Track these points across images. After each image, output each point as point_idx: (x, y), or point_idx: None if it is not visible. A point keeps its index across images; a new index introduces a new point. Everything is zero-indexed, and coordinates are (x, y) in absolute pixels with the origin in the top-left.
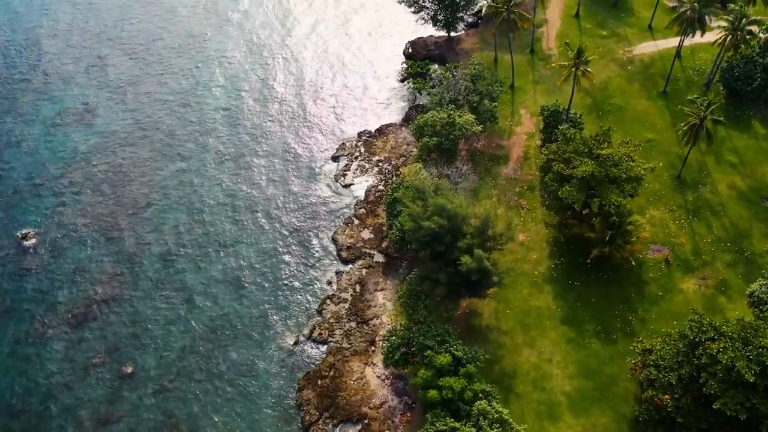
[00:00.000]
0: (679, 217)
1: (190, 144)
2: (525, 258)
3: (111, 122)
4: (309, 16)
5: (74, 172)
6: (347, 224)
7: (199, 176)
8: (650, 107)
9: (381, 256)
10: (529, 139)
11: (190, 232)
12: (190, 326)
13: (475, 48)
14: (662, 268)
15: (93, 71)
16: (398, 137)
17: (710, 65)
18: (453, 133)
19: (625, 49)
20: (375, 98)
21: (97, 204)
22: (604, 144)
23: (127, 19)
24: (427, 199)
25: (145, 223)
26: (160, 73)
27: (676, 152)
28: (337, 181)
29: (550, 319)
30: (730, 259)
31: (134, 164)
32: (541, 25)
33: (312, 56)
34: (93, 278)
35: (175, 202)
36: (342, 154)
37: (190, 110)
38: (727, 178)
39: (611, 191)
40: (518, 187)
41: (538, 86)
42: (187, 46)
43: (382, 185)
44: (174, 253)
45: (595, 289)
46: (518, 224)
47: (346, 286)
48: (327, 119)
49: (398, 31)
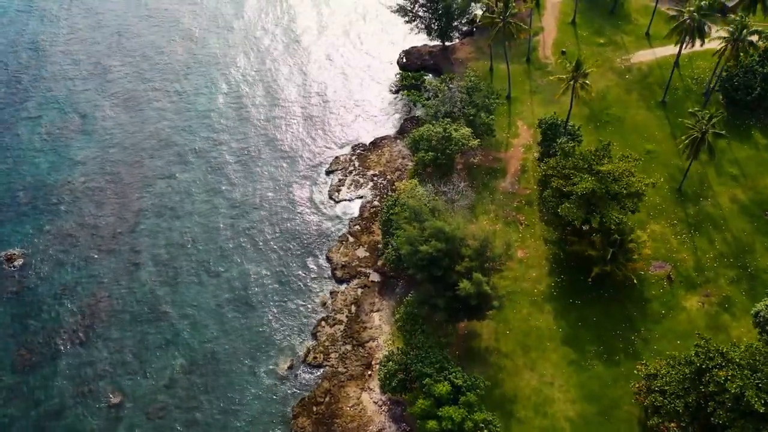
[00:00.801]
0: (680, 232)
1: (179, 162)
2: (524, 276)
3: (100, 137)
4: (301, 28)
5: (62, 189)
6: (342, 242)
7: (189, 195)
8: (649, 117)
9: (377, 275)
10: (526, 152)
11: (180, 252)
12: (179, 351)
13: (470, 57)
14: (664, 285)
15: (86, 83)
16: (393, 150)
17: (709, 74)
18: (449, 147)
19: (622, 58)
20: (369, 110)
21: (85, 223)
22: (604, 159)
23: (123, 31)
24: (424, 221)
25: (134, 243)
26: (148, 89)
27: (677, 164)
28: (331, 197)
29: (551, 340)
30: (734, 275)
31: (123, 182)
32: (537, 33)
33: (304, 68)
34: (80, 301)
35: (165, 221)
36: (336, 169)
37: (177, 129)
38: (728, 191)
39: (612, 208)
40: (516, 201)
41: (535, 96)
42: (179, 61)
43: (377, 201)
44: (164, 274)
45: (596, 307)
46: (517, 240)
47: (341, 306)
48: (320, 132)
49: (393, 40)
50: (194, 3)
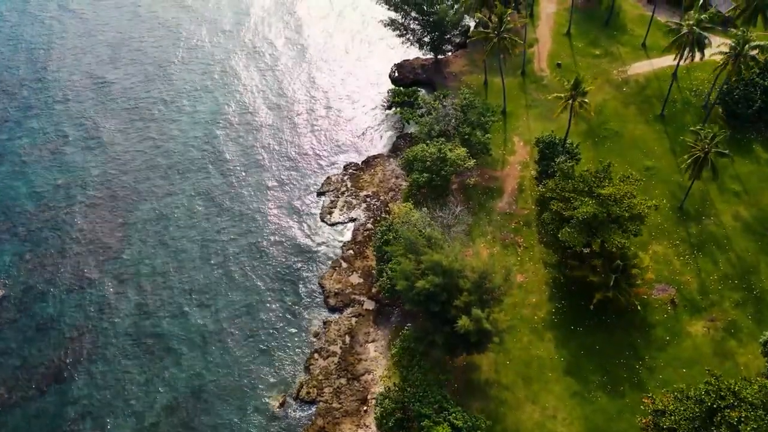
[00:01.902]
0: (683, 253)
1: (165, 185)
2: (524, 302)
3: (82, 159)
4: (290, 44)
5: (44, 214)
6: (334, 268)
7: (175, 219)
8: (648, 132)
9: (371, 303)
10: (523, 170)
11: (167, 281)
12: (166, 387)
13: (464, 71)
14: (668, 309)
15: (67, 104)
16: (386, 169)
17: (708, 86)
18: (444, 168)
19: (619, 69)
20: (361, 127)
21: (68, 251)
22: (605, 181)
23: (114, 50)
24: (420, 253)
25: (119, 271)
26: (130, 110)
27: (677, 181)
28: (323, 219)
29: (553, 370)
30: (739, 298)
31: (106, 206)
32: (531, 45)
33: (293, 84)
34: (63, 335)
35: (151, 248)
36: (327, 190)
37: (162, 152)
38: (731, 208)
39: (614, 232)
40: (514, 222)
41: (530, 111)
42: (166, 79)
43: (371, 223)
44: (150, 304)
45: (599, 334)
46: (515, 264)
47: (334, 337)
48: (311, 151)
49: (384, 53)
50: (187, 12)
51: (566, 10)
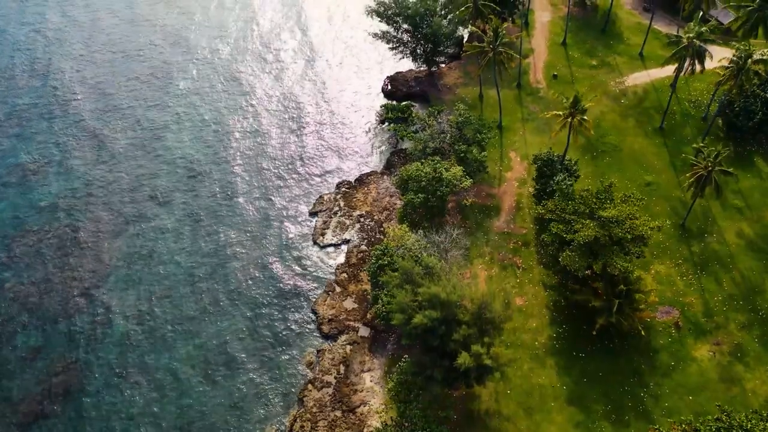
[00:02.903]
0: (686, 272)
1: (151, 206)
2: (524, 326)
3: (65, 180)
4: (281, 57)
5: (26, 239)
6: (328, 292)
7: (161, 244)
8: (647, 145)
9: (366, 330)
10: (521, 186)
11: (153, 309)
12: (153, 422)
13: (458, 83)
14: (672, 333)
15: (54, 121)
16: (380, 187)
17: (707, 96)
18: (440, 189)
19: (616, 81)
20: (353, 143)
21: (51, 278)
22: (606, 202)
23: (77, 64)
24: (417, 284)
25: (102, 300)
26: (116, 127)
27: (678, 196)
28: (316, 241)
29: (555, 399)
30: (744, 320)
31: (92, 230)
32: (527, 55)
33: (283, 99)
34: (47, 368)
35: (137, 273)
36: (320, 209)
37: (148, 171)
38: (734, 225)
39: (616, 255)
40: (512, 242)
41: (527, 124)
42: (151, 92)
43: (365, 245)
44: (135, 334)
45: (602, 360)
46: (514, 286)
47: (329, 366)
48: (303, 169)
49: (376, 65)
50: (169, 30)
51: (561, 18)
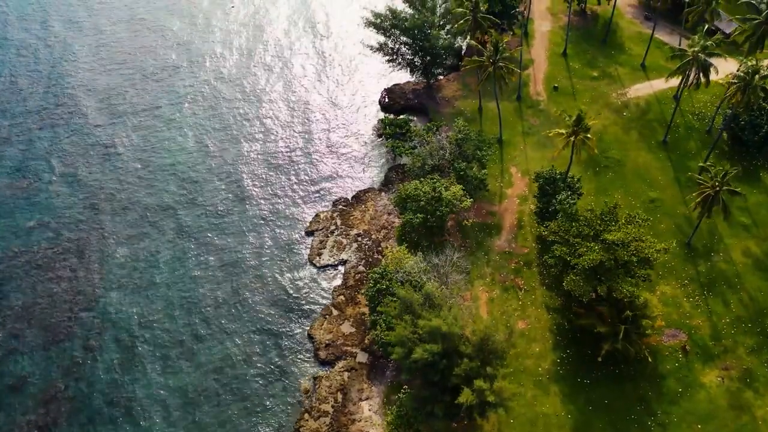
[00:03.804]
0: (692, 293)
1: (142, 226)
2: (527, 351)
3: (57, 198)
4: (275, 69)
5: (13, 261)
6: (325, 316)
7: (152, 265)
8: (651, 160)
9: (364, 355)
10: (522, 203)
11: (144, 333)
12: None
13: (457, 95)
14: (679, 357)
15: (43, 132)
16: (377, 205)
17: (711, 108)
18: (439, 209)
19: (618, 92)
20: (350, 158)
21: (38, 302)
22: (611, 224)
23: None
24: (416, 313)
25: (93, 323)
26: (105, 141)
27: (683, 213)
28: (312, 262)
29: (560, 428)
30: (753, 344)
31: (81, 250)
32: (527, 67)
33: (277, 113)
34: (34, 397)
35: (127, 296)
36: (316, 228)
37: (139, 187)
38: (741, 243)
39: (622, 279)
40: (513, 262)
41: (527, 138)
42: (140, 107)
43: (363, 265)
44: (125, 362)
45: (607, 387)
46: (516, 309)
47: (326, 395)
48: (298, 186)
49: (373, 77)
50: (176, 37)
51: (561, 28)
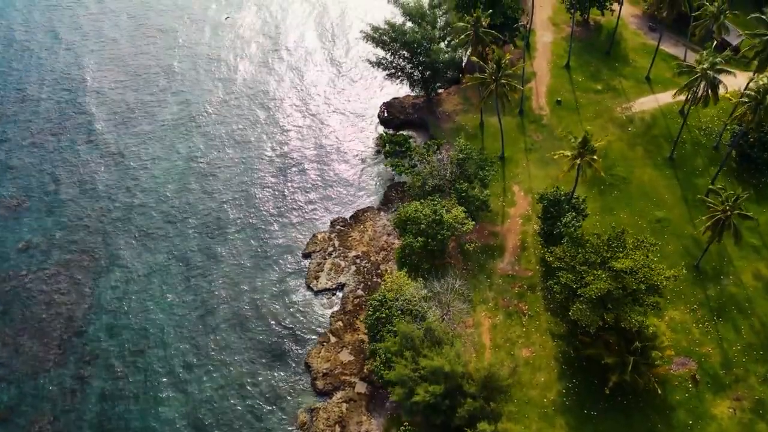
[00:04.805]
0: (702, 319)
1: (136, 246)
2: (531, 381)
3: (48, 218)
4: (268, 80)
5: (2, 285)
6: (322, 343)
7: (145, 288)
8: (657, 177)
9: (363, 385)
10: (525, 223)
11: (136, 361)
12: None
13: (458, 109)
14: (689, 387)
15: (35, 149)
16: (376, 225)
17: (718, 123)
18: (441, 232)
19: (623, 106)
20: (347, 176)
21: (27, 327)
22: (618, 250)
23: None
24: (417, 349)
25: (84, 350)
26: (96, 158)
27: (691, 234)
28: (309, 286)
29: None
30: (765, 372)
31: (72, 273)
32: (529, 80)
33: (271, 126)
34: (22, 428)
35: (120, 322)
36: (314, 250)
37: (130, 206)
38: (751, 266)
39: (630, 308)
40: (517, 286)
41: (530, 155)
42: (134, 123)
43: (361, 289)
44: (118, 389)
45: (616, 420)
46: (520, 336)
47: (323, 428)
48: (295, 205)
49: (372, 91)
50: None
51: (564, 39)
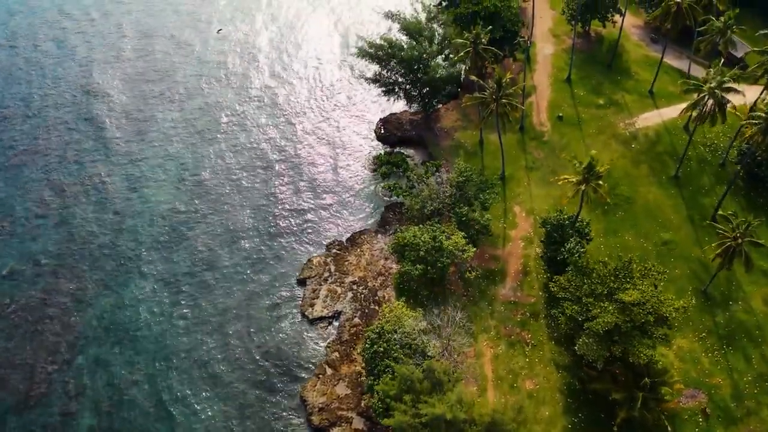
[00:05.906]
0: (711, 347)
1: (122, 273)
2: (535, 416)
3: (33, 242)
4: (263, 95)
5: None
6: (318, 375)
7: (133, 318)
8: (662, 197)
9: (361, 420)
10: (527, 246)
11: (123, 397)
12: None
13: (456, 126)
14: (700, 422)
15: (16, 170)
16: (374, 249)
17: (723, 139)
18: (440, 260)
19: (626, 122)
20: (344, 196)
21: (10, 361)
22: (626, 281)
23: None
24: (417, 392)
25: (69, 386)
26: (83, 179)
27: (698, 257)
28: (304, 314)
29: None
30: None
31: (58, 300)
32: (529, 94)
33: (264, 143)
34: None
35: (106, 353)
36: (309, 276)
37: (119, 231)
38: (761, 291)
39: (638, 341)
40: (519, 314)
41: (531, 174)
42: (123, 140)
43: (359, 317)
44: (105, 428)
45: None
46: (523, 367)
47: None
48: (289, 228)
49: (368, 107)
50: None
51: (565, 51)
